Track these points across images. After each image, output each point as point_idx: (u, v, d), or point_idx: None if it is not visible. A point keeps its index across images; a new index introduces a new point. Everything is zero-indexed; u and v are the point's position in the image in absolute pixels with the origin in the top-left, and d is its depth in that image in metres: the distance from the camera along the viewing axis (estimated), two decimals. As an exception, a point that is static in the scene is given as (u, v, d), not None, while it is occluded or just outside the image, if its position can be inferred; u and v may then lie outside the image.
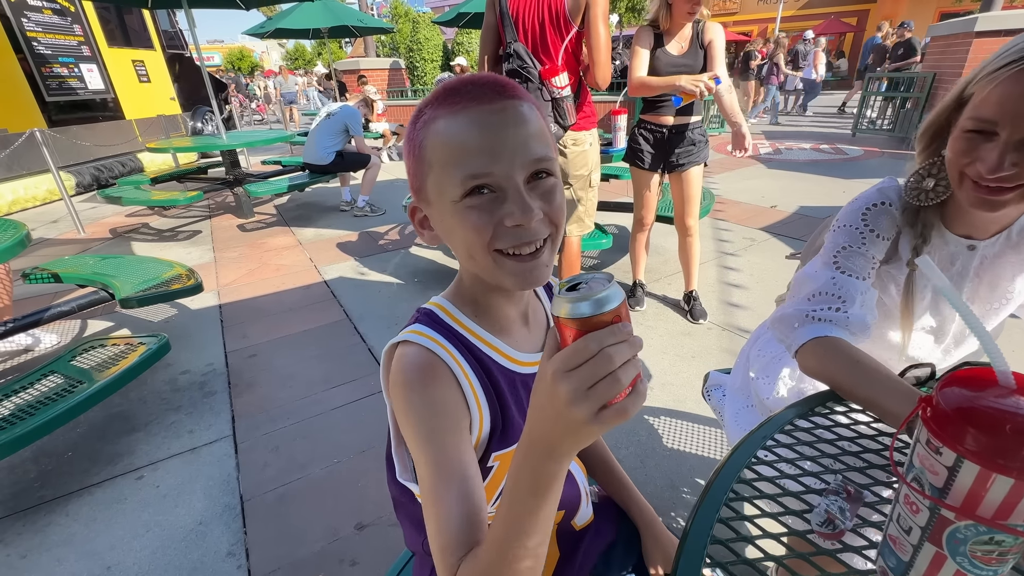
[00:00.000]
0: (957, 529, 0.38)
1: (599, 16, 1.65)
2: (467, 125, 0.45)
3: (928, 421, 0.39)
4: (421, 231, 0.54)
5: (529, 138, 0.46)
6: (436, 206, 0.49)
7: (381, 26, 8.74)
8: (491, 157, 0.44)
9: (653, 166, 2.24)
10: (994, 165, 0.60)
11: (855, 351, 0.70)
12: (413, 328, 0.53)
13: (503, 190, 0.45)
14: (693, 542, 0.49)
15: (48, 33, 5.75)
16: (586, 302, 0.33)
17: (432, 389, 0.49)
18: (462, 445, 0.48)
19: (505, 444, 0.55)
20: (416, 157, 0.49)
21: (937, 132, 0.72)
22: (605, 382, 0.32)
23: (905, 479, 0.41)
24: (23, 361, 2.33)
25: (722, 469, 0.58)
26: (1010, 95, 0.58)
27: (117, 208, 5.18)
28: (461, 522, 0.44)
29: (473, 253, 0.48)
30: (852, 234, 0.79)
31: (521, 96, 0.47)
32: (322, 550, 1.34)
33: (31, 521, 1.47)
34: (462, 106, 0.45)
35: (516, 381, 0.56)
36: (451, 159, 0.45)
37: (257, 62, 37.13)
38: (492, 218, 0.46)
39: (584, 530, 0.74)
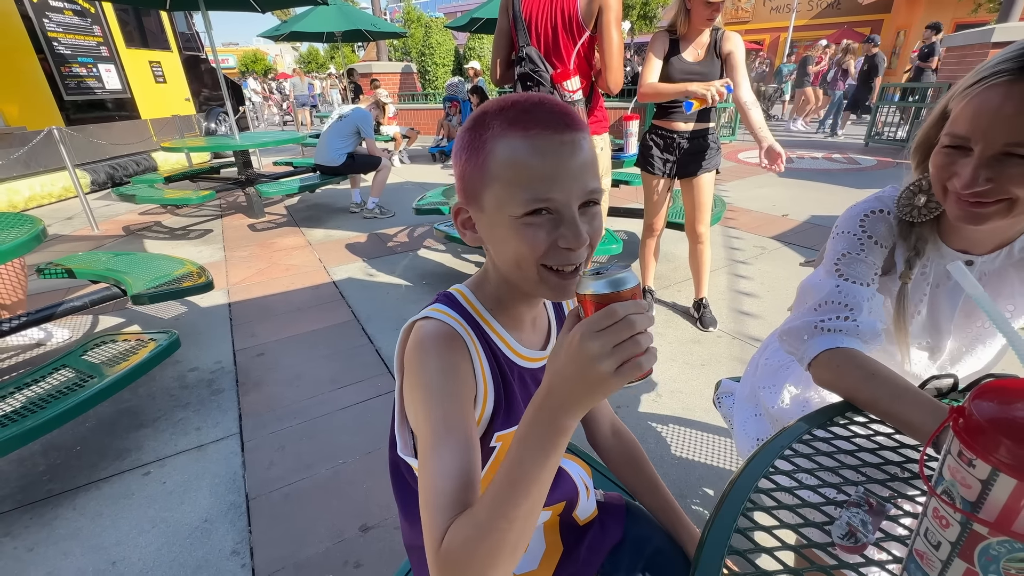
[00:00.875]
0: (990, 545, 0.36)
1: (612, 21, 1.65)
2: (538, 151, 0.48)
3: (960, 432, 0.37)
4: (463, 231, 0.57)
5: (586, 169, 0.50)
6: (491, 215, 0.52)
7: (394, 30, 8.82)
8: (555, 184, 0.48)
9: (664, 172, 2.23)
10: (968, 180, 0.60)
11: (871, 362, 0.69)
12: (435, 307, 0.57)
13: (560, 214, 0.50)
14: (710, 551, 0.48)
15: (68, 33, 5.86)
16: (609, 279, 0.40)
17: (448, 354, 0.52)
18: (467, 410, 0.51)
19: (508, 424, 0.58)
20: (478, 166, 0.51)
21: (927, 148, 0.71)
22: (629, 342, 0.38)
23: (935, 492, 0.40)
24: (35, 355, 2.35)
25: (739, 478, 0.57)
26: (982, 110, 0.59)
27: (131, 206, 5.25)
28: (456, 481, 0.45)
29: (521, 264, 0.52)
30: (851, 240, 0.78)
31: (582, 127, 0.51)
32: (326, 551, 1.34)
33: (39, 514, 1.48)
34: (535, 132, 0.48)
35: (520, 373, 0.60)
36: (518, 179, 0.49)
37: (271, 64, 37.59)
38: (548, 237, 0.50)
39: (588, 525, 0.74)
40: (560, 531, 0.71)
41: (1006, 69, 0.57)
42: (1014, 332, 0.38)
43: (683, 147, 2.16)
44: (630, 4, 21.24)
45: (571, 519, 0.72)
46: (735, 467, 1.58)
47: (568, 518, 0.71)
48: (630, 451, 0.82)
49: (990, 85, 0.58)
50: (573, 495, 0.70)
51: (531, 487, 0.41)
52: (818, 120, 9.61)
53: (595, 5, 1.64)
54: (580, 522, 0.73)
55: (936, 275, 0.79)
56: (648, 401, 1.91)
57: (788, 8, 18.82)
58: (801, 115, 9.74)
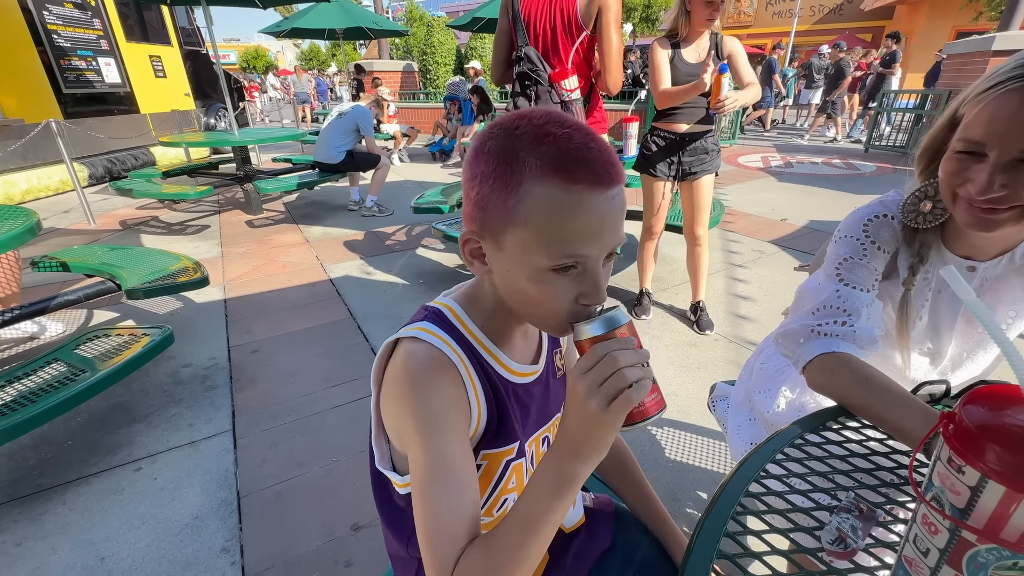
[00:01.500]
0: (979, 552, 0.36)
1: (611, 22, 1.65)
2: (583, 208, 0.45)
3: (951, 439, 0.37)
4: (470, 260, 0.53)
5: (621, 223, 0.48)
6: (511, 257, 0.49)
7: (395, 29, 8.82)
8: (591, 243, 0.46)
9: (664, 174, 2.22)
10: (984, 187, 0.59)
11: (865, 367, 0.68)
12: (421, 325, 0.53)
13: (586, 268, 0.48)
14: (698, 556, 0.48)
15: (68, 26, 5.83)
16: (598, 321, 0.43)
17: (440, 384, 0.50)
18: (464, 443, 0.50)
19: (496, 444, 0.57)
20: (506, 203, 0.46)
21: (934, 153, 0.71)
22: (613, 379, 0.39)
23: (924, 498, 0.39)
24: (28, 349, 2.34)
25: (730, 482, 0.57)
26: (998, 116, 0.58)
27: (128, 200, 5.23)
28: (460, 517, 0.46)
29: (535, 310, 0.51)
30: (853, 245, 0.78)
31: (624, 178, 0.48)
32: (317, 550, 1.33)
33: (28, 509, 1.47)
34: (582, 188, 0.45)
35: (511, 390, 0.59)
36: (553, 232, 0.45)
37: (272, 61, 37.55)
38: (569, 292, 0.48)
39: (574, 533, 0.73)
40: None
41: (1021, 75, 0.56)
42: (1006, 339, 0.38)
43: (684, 149, 2.16)
44: (632, 6, 21.27)
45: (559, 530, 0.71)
46: (729, 470, 1.58)
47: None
48: (620, 457, 0.81)
49: (1008, 90, 0.57)
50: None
51: (542, 530, 0.44)
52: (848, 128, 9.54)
53: (595, 6, 1.64)
54: (566, 530, 0.71)
55: (938, 281, 0.79)
56: (643, 403, 1.90)
57: (790, 13, 18.88)
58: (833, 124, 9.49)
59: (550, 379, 0.66)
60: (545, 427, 0.66)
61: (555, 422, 0.68)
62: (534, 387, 0.62)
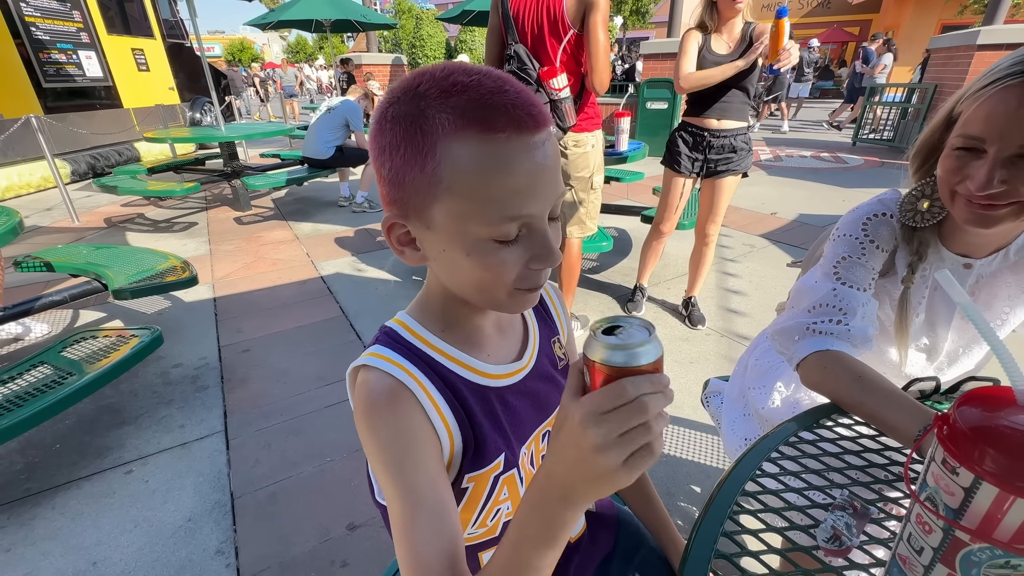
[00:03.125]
0: (972, 552, 0.37)
1: (599, 22, 1.64)
2: (510, 159, 0.40)
3: (945, 440, 0.38)
4: (399, 248, 0.47)
5: (557, 172, 0.43)
6: (444, 233, 0.43)
7: (384, 21, 8.71)
8: (531, 197, 0.41)
9: (689, 170, 2.16)
10: (983, 182, 0.60)
11: (859, 365, 0.69)
12: (373, 351, 0.49)
13: (531, 230, 0.43)
14: (696, 556, 0.48)
15: (47, 19, 5.68)
16: (626, 351, 0.32)
17: (395, 419, 0.45)
18: (432, 474, 0.45)
19: (479, 465, 0.51)
20: (424, 172, 0.40)
21: (930, 152, 0.72)
22: (638, 430, 0.31)
23: (919, 498, 0.40)
24: (12, 351, 2.29)
25: (726, 481, 0.57)
26: (997, 112, 0.58)
27: (112, 197, 5.13)
28: (438, 558, 0.42)
29: (486, 289, 0.45)
30: (852, 244, 0.79)
31: (549, 120, 0.43)
32: (313, 550, 1.33)
33: (16, 514, 1.45)
34: (505, 135, 0.39)
35: (490, 396, 0.53)
36: (484, 193, 0.40)
37: (258, 54, 36.94)
38: (517, 259, 0.43)
39: (577, 542, 0.70)
40: None
41: (1021, 71, 0.57)
42: (999, 341, 0.38)
43: (712, 145, 2.09)
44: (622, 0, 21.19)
45: None
46: (723, 464, 1.60)
47: None
48: None
49: (1006, 86, 0.58)
50: None
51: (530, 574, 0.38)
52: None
53: (581, 5, 1.63)
54: (570, 540, 0.69)
55: (935, 279, 0.79)
56: (636, 398, 1.91)
57: (779, 6, 18.90)
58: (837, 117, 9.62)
59: (549, 371, 0.60)
60: (545, 423, 0.61)
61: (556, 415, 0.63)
62: (526, 383, 0.56)
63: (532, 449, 0.60)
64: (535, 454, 0.60)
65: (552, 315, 0.65)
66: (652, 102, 6.59)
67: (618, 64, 10.27)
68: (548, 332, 0.63)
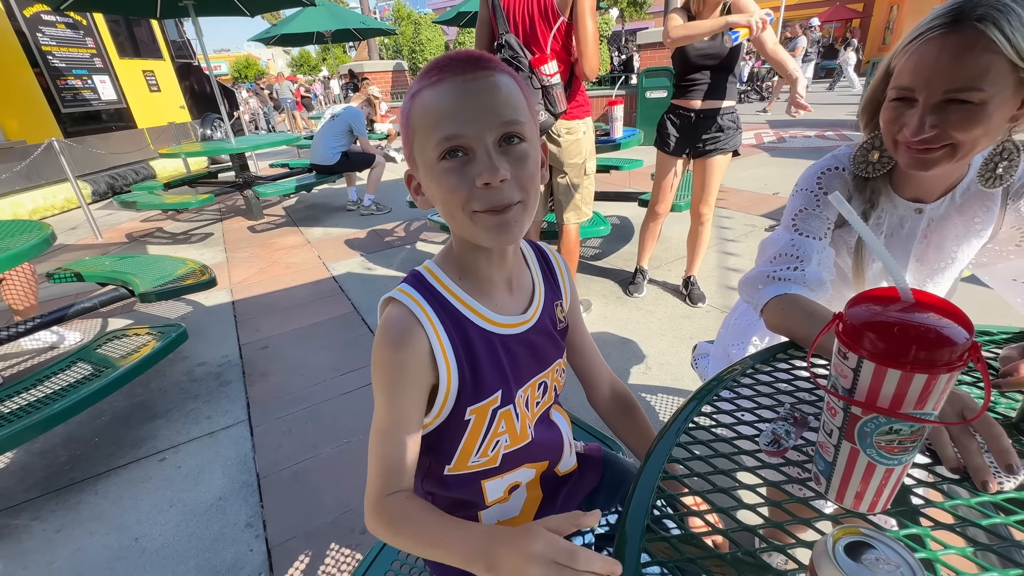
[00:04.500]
0: (864, 423, 0.44)
1: (586, 10, 1.71)
2: (444, 93, 0.49)
3: (839, 333, 0.45)
4: (416, 196, 0.58)
5: (499, 103, 0.49)
6: (421, 170, 0.54)
7: (383, 28, 8.85)
8: (462, 120, 0.48)
9: (678, 150, 2.23)
10: (916, 128, 0.66)
11: (811, 304, 0.76)
12: (401, 287, 0.59)
13: (473, 151, 0.49)
14: (655, 461, 0.56)
15: (62, 47, 5.93)
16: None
17: (401, 352, 0.55)
18: (415, 405, 0.57)
19: (478, 398, 0.60)
20: (405, 126, 0.54)
21: (875, 106, 0.77)
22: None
23: (825, 388, 0.47)
24: (48, 358, 2.45)
25: (685, 405, 0.64)
26: (922, 63, 0.64)
27: (132, 214, 5.34)
28: (393, 466, 0.57)
29: (452, 212, 0.53)
30: (808, 197, 0.85)
31: (496, 67, 0.51)
32: (334, 520, 1.42)
33: (63, 500, 1.57)
34: (438, 78, 0.50)
35: (494, 340, 0.60)
36: (429, 124, 0.50)
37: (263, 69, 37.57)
38: (464, 179, 0.50)
39: (567, 476, 0.78)
40: (541, 483, 0.75)
41: (940, 24, 0.63)
42: (884, 250, 0.45)
43: (699, 126, 2.15)
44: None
45: (552, 472, 0.76)
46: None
47: (550, 472, 0.75)
48: (625, 401, 0.82)
49: (928, 39, 0.64)
50: (557, 454, 0.75)
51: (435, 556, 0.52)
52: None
53: None
54: (560, 474, 0.77)
55: (889, 224, 0.86)
56: (637, 373, 1.98)
57: (779, -13, 18.67)
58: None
59: (549, 329, 0.68)
60: (542, 374, 0.68)
61: (553, 368, 0.70)
62: (528, 336, 0.64)
63: (528, 394, 0.67)
64: (530, 398, 0.68)
65: (558, 281, 0.73)
66: (651, 91, 6.61)
67: (615, 55, 10.27)
68: (552, 296, 0.70)
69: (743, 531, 0.48)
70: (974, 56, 0.60)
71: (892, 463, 0.44)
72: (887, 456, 0.44)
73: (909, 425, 0.42)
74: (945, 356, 0.39)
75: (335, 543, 1.35)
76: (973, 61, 0.61)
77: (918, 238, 0.83)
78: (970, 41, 0.60)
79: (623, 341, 2.21)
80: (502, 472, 0.67)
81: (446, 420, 0.61)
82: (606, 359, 0.85)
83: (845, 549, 0.32)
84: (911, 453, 0.44)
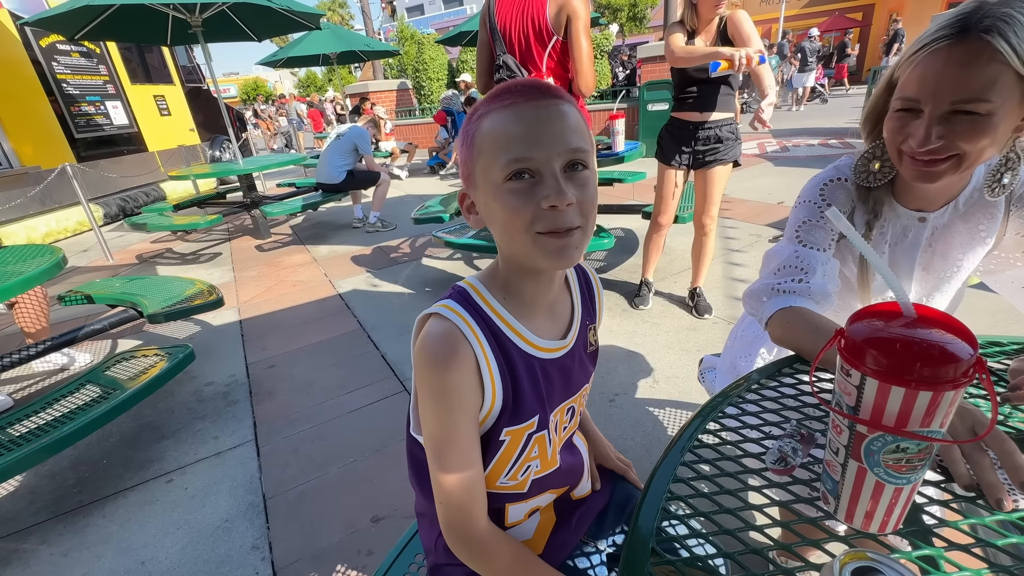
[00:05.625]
0: (871, 442, 0.43)
1: (580, 29, 1.74)
2: (513, 117, 0.51)
3: (841, 350, 0.44)
4: (468, 215, 0.58)
5: (567, 130, 0.51)
6: (482, 190, 0.54)
7: (387, 49, 9.02)
8: (532, 144, 0.50)
9: (678, 162, 2.25)
10: (922, 139, 0.65)
11: (817, 317, 0.75)
12: (446, 303, 0.58)
13: (541, 175, 0.50)
14: (662, 476, 0.55)
15: (76, 75, 6.10)
16: None
17: (451, 373, 0.54)
18: (468, 419, 0.56)
19: (516, 421, 0.60)
20: (468, 146, 0.54)
21: (878, 116, 0.78)
22: None
23: (830, 406, 0.47)
24: (58, 380, 2.47)
25: (691, 422, 0.64)
26: (928, 74, 0.64)
27: (143, 235, 5.43)
28: (460, 489, 0.57)
29: (512, 233, 0.52)
30: (811, 208, 0.85)
31: (563, 97, 0.53)
32: (340, 542, 1.41)
33: (71, 523, 1.57)
34: (511, 102, 0.51)
35: (534, 364, 0.60)
36: (497, 146, 0.51)
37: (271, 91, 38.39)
38: (531, 200, 0.50)
39: (582, 500, 0.78)
40: (555, 508, 0.75)
41: (945, 35, 0.62)
42: (884, 265, 0.45)
43: (698, 138, 2.17)
44: (618, 7, 21.41)
45: (568, 497, 0.76)
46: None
47: (566, 497, 0.75)
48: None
49: (934, 50, 0.63)
50: (577, 476, 0.75)
51: None
52: None
53: (563, 15, 1.73)
54: (575, 498, 0.77)
55: (893, 234, 0.85)
56: (645, 387, 1.96)
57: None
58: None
59: (581, 353, 0.67)
60: (571, 399, 0.68)
61: (582, 393, 0.70)
62: (564, 360, 0.64)
63: (558, 418, 0.67)
64: (559, 423, 0.67)
65: (595, 304, 0.73)
66: (653, 104, 6.67)
67: (619, 70, 10.39)
68: (588, 319, 0.70)
69: (751, 553, 0.47)
70: (981, 67, 0.60)
71: (901, 482, 0.43)
72: (895, 475, 0.43)
73: (916, 443, 0.41)
74: (950, 372, 0.38)
75: (341, 565, 1.34)
76: (980, 72, 0.60)
77: (922, 247, 0.83)
78: (976, 52, 0.60)
79: (630, 354, 2.19)
80: (527, 498, 0.67)
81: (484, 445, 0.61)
82: (613, 373, 0.87)
83: (852, 574, 0.31)
84: (920, 472, 0.43)
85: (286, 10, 4.33)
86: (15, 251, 1.91)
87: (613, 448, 0.87)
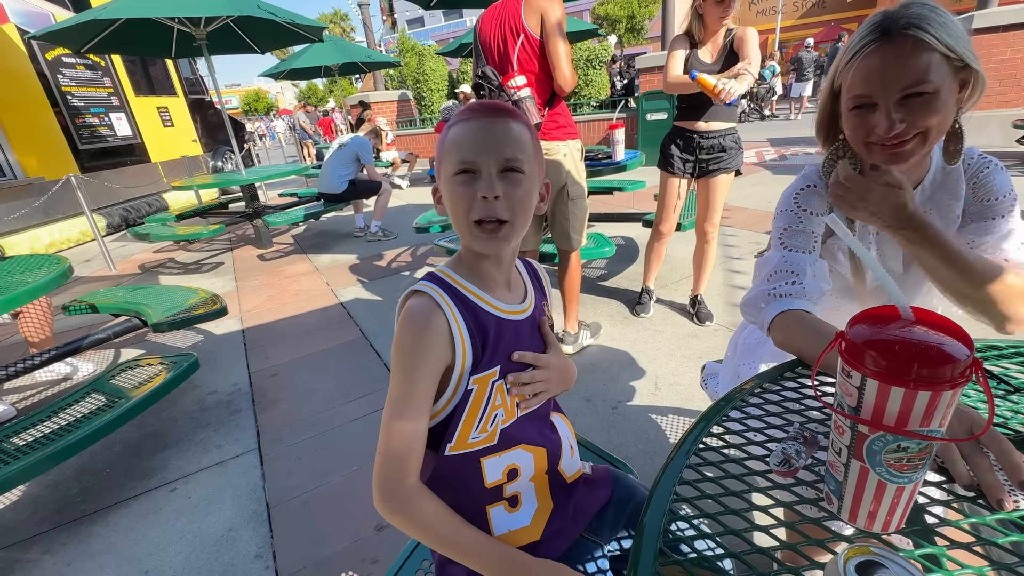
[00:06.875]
0: (872, 442, 0.44)
1: (554, 27, 1.79)
2: (469, 128, 0.65)
3: (842, 352, 0.45)
4: (437, 205, 0.71)
5: (507, 142, 0.64)
6: (442, 182, 0.68)
7: (387, 60, 9.11)
8: (478, 150, 0.63)
9: (681, 171, 2.28)
10: (887, 126, 0.71)
11: (817, 321, 0.76)
12: (422, 283, 0.68)
13: (480, 173, 0.63)
14: (669, 476, 0.56)
15: (81, 87, 6.17)
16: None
17: (425, 331, 0.63)
18: (423, 383, 0.64)
19: (482, 369, 0.68)
20: (439, 148, 0.68)
21: (828, 122, 0.84)
22: None
23: (832, 407, 0.48)
24: (62, 389, 2.47)
25: (695, 425, 0.65)
26: (871, 71, 0.71)
27: (145, 245, 5.45)
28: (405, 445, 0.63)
29: (459, 218, 0.66)
30: (790, 216, 0.89)
31: (514, 117, 0.66)
32: (344, 550, 1.41)
33: (74, 532, 1.57)
34: (470, 117, 0.66)
35: (500, 324, 0.71)
36: (454, 148, 0.64)
37: (272, 102, 38.73)
38: (469, 191, 0.64)
39: (575, 484, 0.78)
40: (550, 489, 0.76)
41: (872, 39, 0.71)
42: (881, 269, 0.46)
43: (702, 147, 2.20)
44: (617, 18, 21.69)
45: (558, 474, 0.76)
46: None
47: (555, 472, 0.76)
48: None
49: (866, 54, 0.71)
50: (557, 447, 0.76)
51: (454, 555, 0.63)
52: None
53: (535, 15, 1.78)
54: (567, 478, 0.77)
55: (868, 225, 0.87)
56: (648, 395, 1.97)
57: (774, 11, 19.12)
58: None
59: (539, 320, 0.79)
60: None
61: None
62: (524, 324, 0.75)
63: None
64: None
65: (543, 285, 0.85)
66: (651, 113, 6.73)
67: (617, 79, 10.49)
68: (540, 296, 0.82)
69: (757, 553, 0.48)
70: (916, 56, 0.68)
71: (903, 481, 0.44)
72: (897, 474, 0.44)
73: (917, 442, 0.42)
74: (947, 373, 0.40)
75: (346, 573, 1.34)
76: (916, 60, 0.68)
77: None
78: (906, 46, 0.68)
79: (632, 362, 2.20)
80: (500, 450, 0.70)
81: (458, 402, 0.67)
82: (615, 380, 0.90)
83: (856, 569, 0.32)
84: (921, 471, 0.44)
85: (290, 23, 4.39)
86: (21, 261, 1.93)
87: None
